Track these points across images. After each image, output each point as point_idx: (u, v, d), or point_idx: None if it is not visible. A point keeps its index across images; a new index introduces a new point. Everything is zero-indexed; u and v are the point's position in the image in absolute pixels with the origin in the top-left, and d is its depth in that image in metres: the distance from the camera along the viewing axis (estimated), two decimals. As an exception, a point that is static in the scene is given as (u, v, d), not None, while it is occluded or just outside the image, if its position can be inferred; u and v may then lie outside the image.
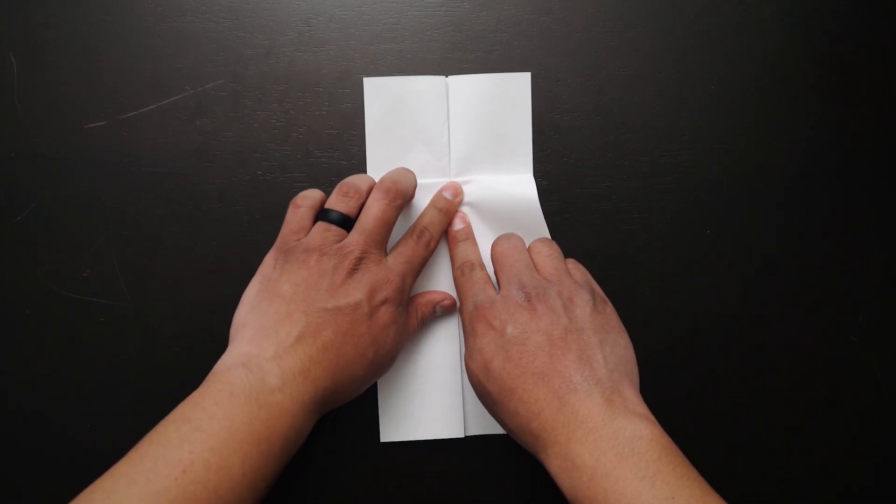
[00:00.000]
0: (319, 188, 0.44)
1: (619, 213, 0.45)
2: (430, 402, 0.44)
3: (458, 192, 0.44)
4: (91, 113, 0.43)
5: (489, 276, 0.41)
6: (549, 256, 0.40)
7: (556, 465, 0.34)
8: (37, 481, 0.43)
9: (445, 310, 0.44)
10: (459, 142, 0.44)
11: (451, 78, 0.44)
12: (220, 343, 0.43)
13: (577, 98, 0.45)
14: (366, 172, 0.44)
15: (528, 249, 0.41)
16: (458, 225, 0.44)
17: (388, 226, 0.40)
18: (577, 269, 0.41)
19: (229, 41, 0.44)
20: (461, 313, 0.41)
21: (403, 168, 0.43)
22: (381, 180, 0.41)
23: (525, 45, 0.45)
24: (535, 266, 0.40)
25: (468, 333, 0.39)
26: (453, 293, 0.44)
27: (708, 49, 0.45)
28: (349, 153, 0.44)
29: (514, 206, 0.44)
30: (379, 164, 0.44)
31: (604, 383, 0.34)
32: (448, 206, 0.43)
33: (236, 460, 0.32)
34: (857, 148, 0.46)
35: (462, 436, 0.44)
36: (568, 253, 0.44)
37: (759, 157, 0.46)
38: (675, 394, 0.45)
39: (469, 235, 0.44)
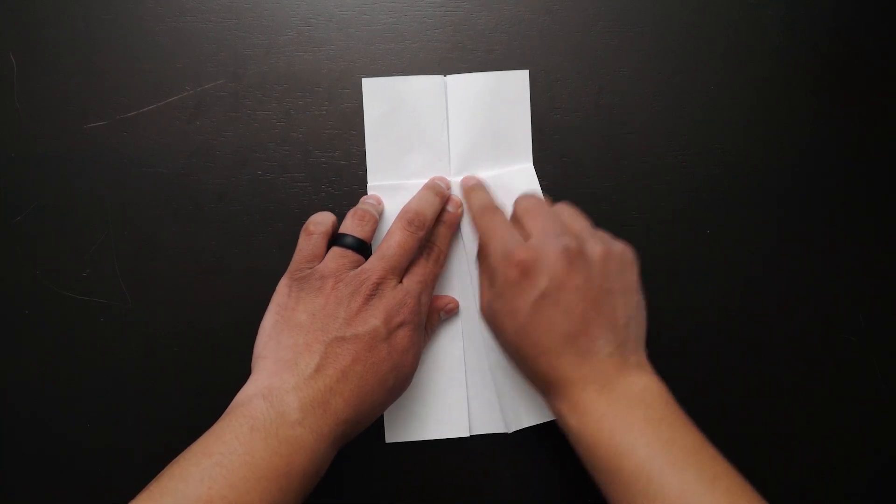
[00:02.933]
0: (319, 188, 0.44)
1: (619, 213, 0.45)
2: (434, 402, 0.44)
3: (458, 203, 0.44)
4: (91, 113, 0.43)
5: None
6: (572, 215, 0.41)
7: (566, 408, 0.36)
8: (36, 481, 0.43)
9: (450, 314, 0.44)
10: (459, 140, 0.44)
11: (450, 77, 0.44)
12: (219, 343, 0.43)
13: (577, 98, 0.45)
14: (366, 173, 0.44)
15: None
16: (469, 181, 0.44)
17: (408, 255, 0.40)
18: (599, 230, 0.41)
19: (229, 41, 0.44)
20: (486, 255, 0.40)
21: (429, 193, 0.42)
22: (405, 210, 0.41)
23: (525, 45, 0.45)
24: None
25: (495, 275, 0.38)
26: (456, 294, 0.44)
27: (708, 49, 0.45)
28: (349, 153, 0.44)
29: (517, 195, 0.44)
30: (379, 164, 0.44)
31: (623, 344, 0.37)
32: (452, 220, 0.43)
33: (255, 496, 0.32)
34: (856, 148, 0.46)
35: (467, 435, 0.44)
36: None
37: (759, 157, 0.46)
38: (675, 393, 0.45)
39: (483, 185, 0.44)
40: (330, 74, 0.44)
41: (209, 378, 0.43)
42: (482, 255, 0.41)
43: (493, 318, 0.39)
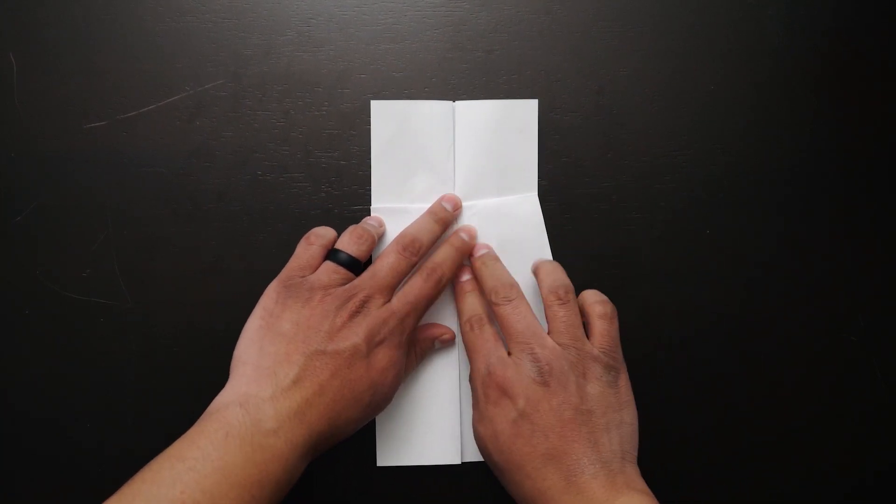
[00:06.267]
0: (319, 188, 0.44)
1: (619, 213, 0.45)
2: (427, 428, 0.44)
3: (473, 234, 0.43)
4: (91, 113, 0.43)
5: (498, 333, 0.40)
6: (565, 321, 0.39)
7: None
8: (36, 481, 0.43)
9: (444, 344, 0.44)
10: (464, 167, 0.44)
11: (459, 103, 0.44)
12: (219, 343, 0.43)
13: (577, 98, 0.45)
14: (366, 173, 0.44)
15: (545, 305, 0.40)
16: (464, 276, 0.43)
17: (399, 276, 0.40)
18: (602, 323, 0.39)
19: (229, 41, 0.44)
20: (471, 371, 0.40)
21: (429, 220, 0.42)
22: (403, 234, 0.41)
23: (525, 45, 0.45)
24: (549, 325, 0.39)
25: (479, 397, 0.39)
26: (455, 327, 0.44)
27: (708, 49, 0.45)
28: (349, 153, 0.44)
29: (518, 225, 0.44)
30: (384, 186, 0.44)
31: (609, 464, 0.36)
32: (464, 246, 0.43)
33: (227, 503, 0.32)
34: (857, 148, 0.46)
35: (459, 462, 0.44)
36: (569, 253, 0.44)
37: (759, 156, 0.46)
38: (675, 393, 0.45)
39: (475, 287, 0.43)
40: (330, 74, 0.44)
41: (209, 378, 0.43)
42: (471, 371, 0.40)
43: (478, 441, 0.39)
